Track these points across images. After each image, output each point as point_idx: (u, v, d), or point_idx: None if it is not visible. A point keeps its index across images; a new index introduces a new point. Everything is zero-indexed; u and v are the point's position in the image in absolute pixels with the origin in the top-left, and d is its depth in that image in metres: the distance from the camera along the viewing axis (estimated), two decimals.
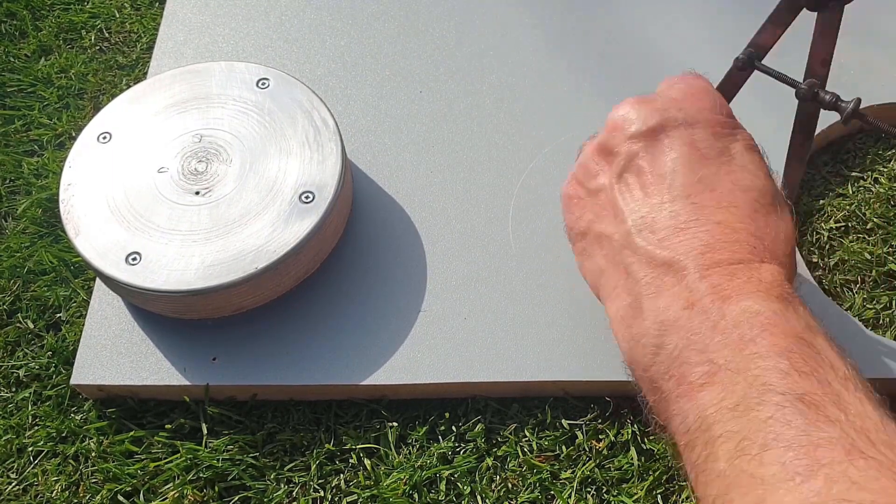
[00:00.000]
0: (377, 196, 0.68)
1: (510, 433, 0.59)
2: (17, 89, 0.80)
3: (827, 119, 0.70)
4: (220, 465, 0.57)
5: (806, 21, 0.50)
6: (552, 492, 0.56)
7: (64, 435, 0.60)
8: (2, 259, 0.69)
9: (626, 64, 0.75)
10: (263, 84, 0.67)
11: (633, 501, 0.55)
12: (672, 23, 0.78)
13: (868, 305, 0.63)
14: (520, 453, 0.58)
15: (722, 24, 0.76)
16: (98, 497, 0.57)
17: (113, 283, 0.60)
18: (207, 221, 0.60)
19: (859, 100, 0.47)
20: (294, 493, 0.57)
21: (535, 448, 0.58)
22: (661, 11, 0.79)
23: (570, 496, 0.56)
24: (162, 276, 0.58)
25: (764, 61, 0.50)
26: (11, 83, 0.80)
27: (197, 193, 0.62)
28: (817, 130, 0.69)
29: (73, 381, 0.60)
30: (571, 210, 0.52)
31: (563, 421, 0.59)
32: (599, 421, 0.59)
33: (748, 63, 0.49)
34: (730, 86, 0.53)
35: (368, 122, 0.73)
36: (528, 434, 0.59)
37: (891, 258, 0.65)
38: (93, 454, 0.59)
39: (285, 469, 0.58)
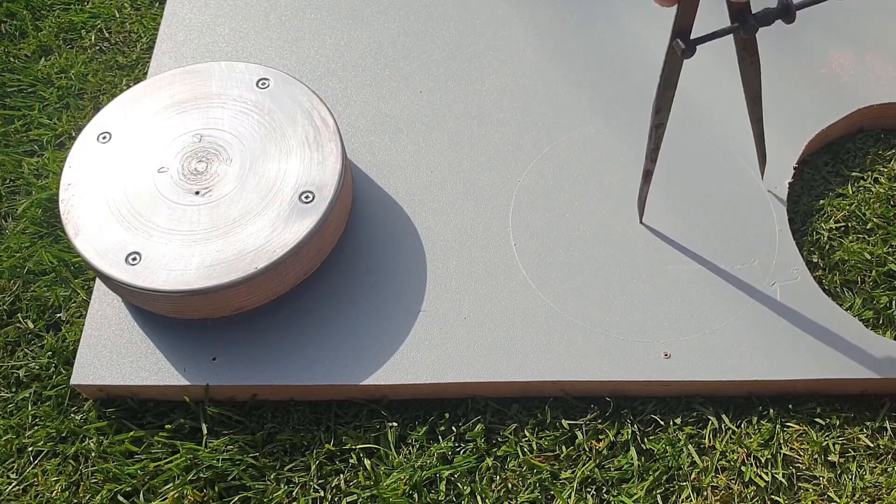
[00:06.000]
0: (377, 196, 0.68)
1: (510, 433, 0.59)
2: (17, 89, 0.80)
3: (827, 119, 0.71)
4: (220, 465, 0.57)
5: None
6: (552, 492, 0.56)
7: (64, 435, 0.60)
8: (2, 259, 0.69)
9: (626, 65, 0.75)
10: (263, 84, 0.67)
11: (633, 501, 0.55)
12: (669, 24, 0.78)
13: (868, 305, 0.63)
14: (520, 453, 0.58)
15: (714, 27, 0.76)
16: (98, 497, 0.57)
17: (113, 283, 0.60)
18: (207, 221, 0.60)
19: None
20: (294, 493, 0.57)
21: (535, 448, 0.58)
22: (659, 14, 0.79)
23: (570, 496, 0.56)
24: (162, 276, 0.58)
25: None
26: (11, 83, 0.80)
27: (197, 193, 0.62)
28: (817, 131, 0.70)
29: (73, 381, 0.60)
30: None
31: (563, 421, 0.59)
32: (599, 421, 0.59)
33: (691, 51, 0.51)
34: (674, 74, 0.55)
35: (368, 122, 0.73)
36: (528, 434, 0.59)
37: (891, 258, 0.65)
38: (93, 454, 0.59)
39: (285, 469, 0.58)
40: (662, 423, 0.59)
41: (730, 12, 0.50)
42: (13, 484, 0.59)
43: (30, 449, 0.60)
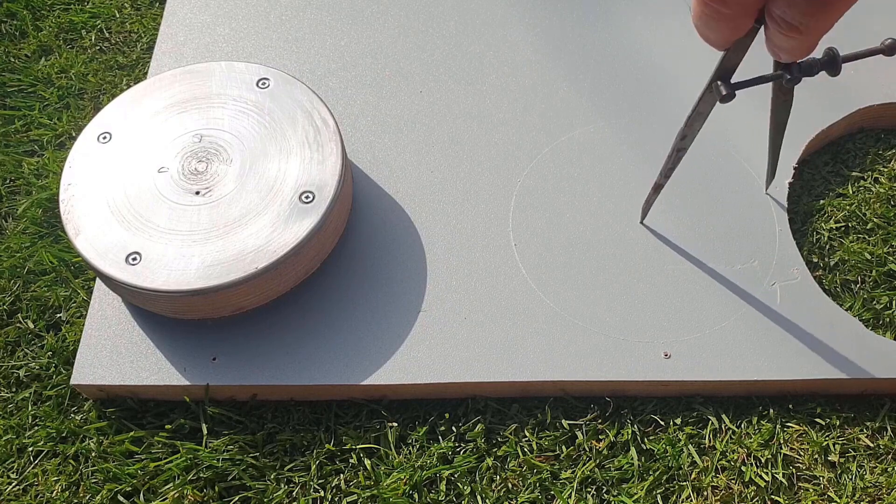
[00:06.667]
0: (377, 196, 0.68)
1: (510, 433, 0.59)
2: (17, 89, 0.80)
3: (827, 119, 0.71)
4: (220, 465, 0.57)
5: None
6: (552, 492, 0.56)
7: (64, 435, 0.60)
8: (2, 259, 0.69)
9: (626, 65, 0.75)
10: (263, 84, 0.67)
11: (633, 501, 0.56)
12: (669, 24, 0.78)
13: (868, 305, 0.63)
14: (520, 453, 0.58)
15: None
16: (98, 497, 0.57)
17: (113, 283, 0.60)
18: (207, 221, 0.60)
19: (831, 49, 0.48)
20: (294, 493, 0.57)
21: (535, 448, 0.58)
22: (659, 14, 0.79)
23: (570, 496, 0.56)
24: (162, 276, 0.58)
25: None
26: (11, 83, 0.80)
27: (197, 193, 0.62)
28: (817, 131, 0.70)
29: (73, 381, 0.60)
30: None
31: (563, 421, 0.59)
32: (599, 421, 0.59)
33: (731, 96, 0.50)
34: (707, 109, 0.54)
35: (368, 122, 0.73)
36: (528, 434, 0.59)
37: (891, 258, 0.65)
38: (93, 454, 0.59)
39: (285, 469, 0.58)
40: (662, 423, 0.59)
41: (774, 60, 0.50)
42: (13, 484, 0.59)
43: (30, 449, 0.60)
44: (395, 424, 0.59)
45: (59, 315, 0.66)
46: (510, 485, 0.57)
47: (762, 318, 0.61)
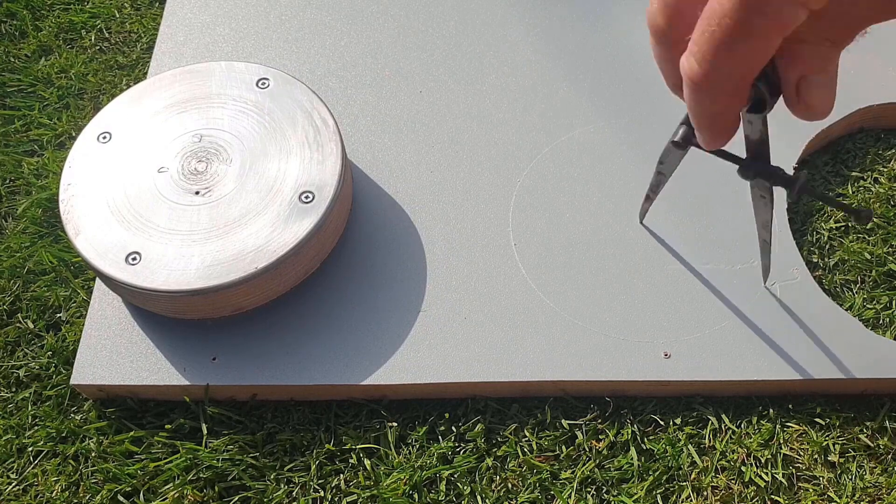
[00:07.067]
0: (377, 196, 0.68)
1: (510, 433, 0.59)
2: (17, 89, 0.80)
3: (827, 119, 0.70)
4: (219, 465, 0.57)
5: None
6: (552, 492, 0.56)
7: (64, 435, 0.60)
8: (2, 259, 0.69)
9: (626, 65, 0.75)
10: (263, 84, 0.67)
11: (633, 501, 0.56)
12: None
13: (868, 305, 0.63)
14: (520, 453, 0.58)
15: None
16: (98, 497, 0.57)
17: (113, 283, 0.60)
18: (207, 221, 0.60)
19: (804, 173, 0.47)
20: (294, 493, 0.57)
21: (535, 448, 0.58)
22: None
23: (570, 496, 0.56)
24: (162, 276, 0.58)
25: None
26: (11, 83, 0.80)
27: (197, 193, 0.62)
28: (817, 131, 0.70)
29: (73, 381, 0.60)
30: None
31: (562, 421, 0.59)
32: (599, 421, 0.59)
33: (681, 145, 0.49)
34: (676, 160, 0.54)
35: (368, 122, 0.73)
36: (528, 434, 0.59)
37: (891, 258, 0.65)
38: (93, 454, 0.59)
39: (285, 469, 0.58)
40: (662, 423, 0.59)
41: (747, 144, 0.46)
42: (13, 484, 0.59)
43: (30, 449, 0.60)
44: (395, 424, 0.59)
45: (59, 315, 0.66)
46: (510, 485, 0.57)
47: (762, 318, 0.61)
